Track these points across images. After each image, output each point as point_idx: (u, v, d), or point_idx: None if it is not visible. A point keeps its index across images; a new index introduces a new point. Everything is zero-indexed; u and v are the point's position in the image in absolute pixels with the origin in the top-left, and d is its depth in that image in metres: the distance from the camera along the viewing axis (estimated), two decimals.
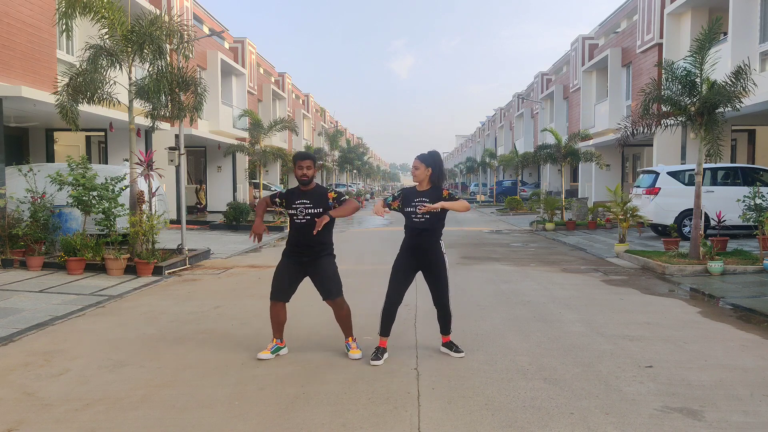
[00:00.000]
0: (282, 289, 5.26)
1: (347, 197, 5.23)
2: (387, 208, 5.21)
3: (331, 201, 5.14)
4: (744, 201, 11.13)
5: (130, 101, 10.27)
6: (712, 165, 13.37)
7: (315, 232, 4.96)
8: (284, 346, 5.38)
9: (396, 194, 5.30)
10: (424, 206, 4.93)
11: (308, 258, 5.18)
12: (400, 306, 5.04)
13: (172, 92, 10.38)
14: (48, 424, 3.88)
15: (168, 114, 10.84)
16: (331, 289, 5.19)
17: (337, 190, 5.47)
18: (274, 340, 5.32)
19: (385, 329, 5.18)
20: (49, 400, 4.28)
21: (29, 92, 11.43)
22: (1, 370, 4.97)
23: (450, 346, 5.29)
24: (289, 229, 5.39)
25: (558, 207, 19.55)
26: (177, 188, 17.21)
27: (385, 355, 5.11)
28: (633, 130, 10.84)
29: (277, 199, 5.32)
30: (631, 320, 6.64)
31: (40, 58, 12.89)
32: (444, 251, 5.16)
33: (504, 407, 4.12)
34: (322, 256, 5.19)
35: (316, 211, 5.09)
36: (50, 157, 16.81)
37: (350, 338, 5.30)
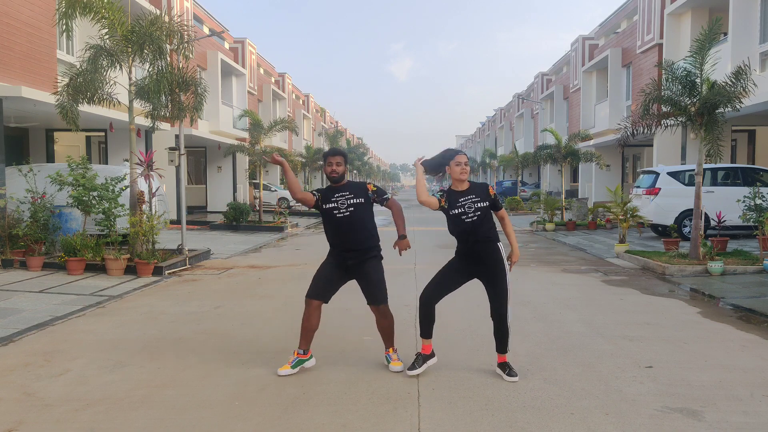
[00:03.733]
0: (317, 287, 4.81)
1: (388, 195, 4.94)
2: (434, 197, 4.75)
3: (371, 192, 4.80)
4: (744, 201, 11.13)
5: (130, 101, 10.27)
6: (712, 165, 13.37)
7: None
8: (310, 357, 4.91)
9: (439, 194, 4.80)
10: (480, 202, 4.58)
11: (353, 261, 4.77)
12: (401, 306, 5.00)
13: (172, 92, 10.38)
14: (48, 425, 3.88)
15: (168, 114, 10.84)
16: (377, 295, 4.80)
17: (375, 183, 5.08)
18: (296, 352, 4.84)
19: (424, 331, 4.82)
20: (49, 401, 4.28)
21: (29, 92, 11.43)
22: (1, 370, 4.97)
23: (504, 367, 4.71)
24: (327, 231, 4.89)
25: (558, 207, 19.55)
26: (177, 188, 17.20)
27: (431, 362, 4.83)
28: (633, 130, 10.84)
29: (316, 192, 4.85)
30: (631, 320, 6.64)
31: (40, 58, 12.89)
32: (503, 252, 4.70)
33: (504, 407, 4.12)
34: (369, 258, 4.78)
35: (358, 201, 4.73)
36: (50, 157, 16.80)
37: (391, 349, 4.93)
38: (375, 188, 4.88)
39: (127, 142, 12.20)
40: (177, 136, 13.17)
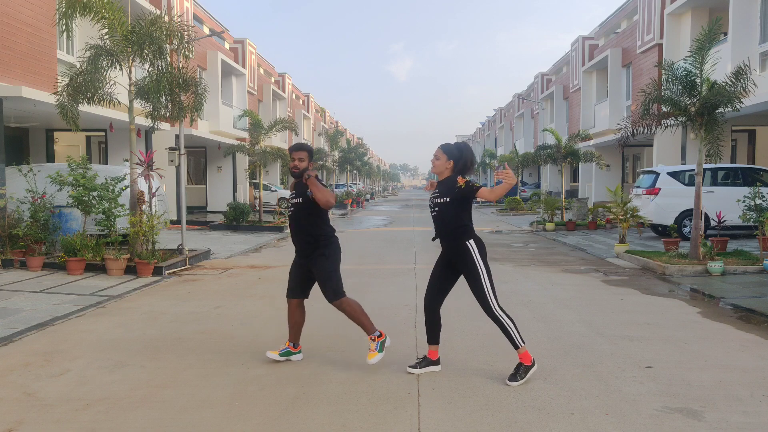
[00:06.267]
0: (289, 287, 5.07)
1: (327, 187, 4.87)
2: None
3: (309, 192, 4.76)
4: (744, 201, 11.13)
5: (130, 101, 10.27)
6: (712, 165, 13.37)
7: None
8: (298, 352, 5.11)
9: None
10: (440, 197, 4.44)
11: (304, 258, 4.93)
12: (401, 306, 4.99)
13: (172, 92, 10.39)
14: (48, 425, 3.88)
15: (168, 114, 10.85)
16: (326, 292, 4.84)
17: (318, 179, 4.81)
18: (287, 343, 5.10)
19: (430, 337, 4.80)
20: (49, 401, 4.28)
21: (29, 92, 11.43)
22: (1, 370, 4.97)
23: (515, 368, 4.57)
24: None
25: (558, 207, 19.55)
26: (177, 188, 17.20)
27: (433, 368, 4.80)
28: (633, 130, 10.84)
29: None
30: (631, 320, 6.64)
31: (40, 58, 12.89)
32: (474, 251, 4.50)
33: (504, 407, 4.12)
34: (315, 256, 4.85)
35: (297, 201, 4.87)
36: (50, 157, 16.81)
37: (369, 336, 4.84)
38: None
39: (127, 142, 12.21)
40: (177, 136, 13.17)
